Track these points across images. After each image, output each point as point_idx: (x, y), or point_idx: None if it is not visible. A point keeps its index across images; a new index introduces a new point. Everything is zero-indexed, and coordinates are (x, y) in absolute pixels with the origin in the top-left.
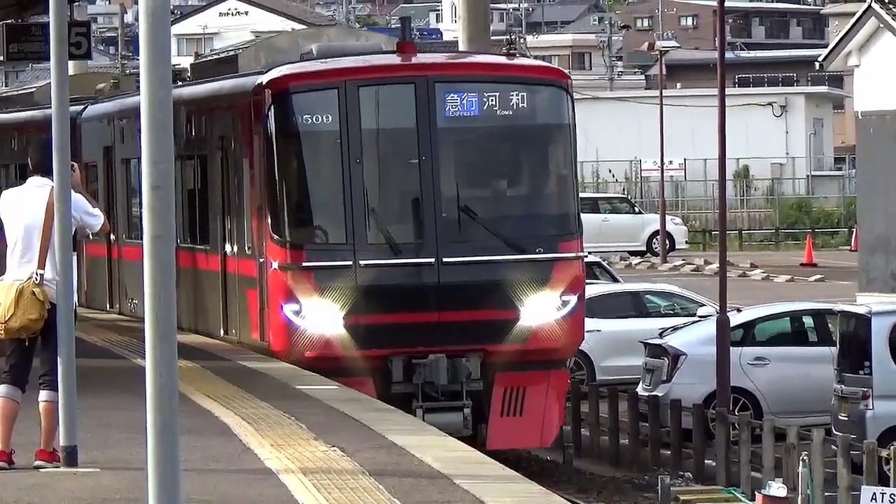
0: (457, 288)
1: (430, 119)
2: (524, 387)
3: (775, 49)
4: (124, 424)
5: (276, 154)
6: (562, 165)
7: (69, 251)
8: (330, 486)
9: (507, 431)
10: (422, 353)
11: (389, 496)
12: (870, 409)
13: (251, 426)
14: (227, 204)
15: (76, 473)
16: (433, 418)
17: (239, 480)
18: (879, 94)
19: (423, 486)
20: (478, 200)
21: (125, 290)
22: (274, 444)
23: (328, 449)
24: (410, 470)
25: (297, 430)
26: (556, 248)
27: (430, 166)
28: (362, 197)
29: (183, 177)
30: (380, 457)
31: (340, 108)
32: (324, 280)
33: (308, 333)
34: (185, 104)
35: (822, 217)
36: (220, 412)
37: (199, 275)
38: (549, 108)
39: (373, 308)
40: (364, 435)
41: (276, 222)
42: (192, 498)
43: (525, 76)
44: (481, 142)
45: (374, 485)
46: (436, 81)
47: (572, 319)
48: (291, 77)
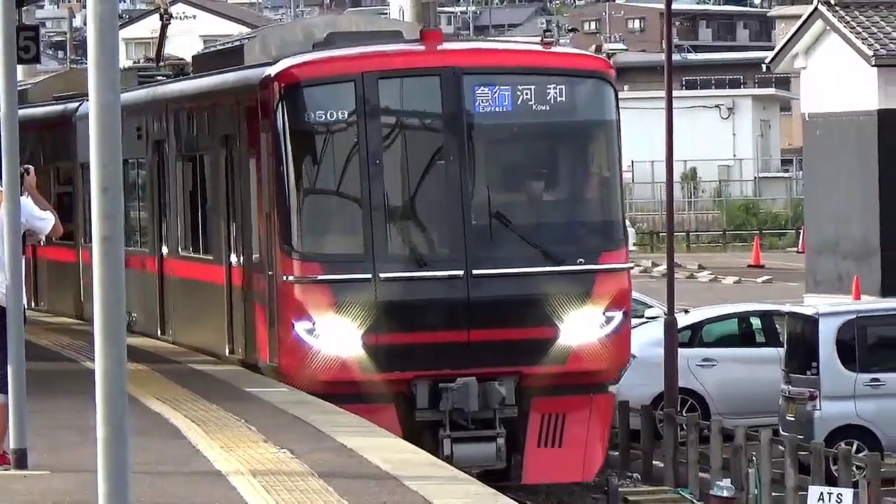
0: (488, 304)
1: (457, 115)
2: (564, 413)
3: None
4: (74, 427)
5: (285, 154)
6: (605, 167)
7: (19, 254)
8: (280, 488)
9: (544, 464)
10: (449, 376)
11: (339, 497)
12: (817, 409)
13: (201, 428)
14: (232, 210)
15: (26, 476)
16: (462, 449)
17: (189, 482)
18: (826, 97)
19: (373, 487)
20: (512, 206)
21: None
22: (223, 446)
23: (278, 451)
24: (360, 471)
25: (246, 432)
26: (598, 258)
27: (458, 168)
28: (382, 202)
29: (183, 179)
30: (329, 458)
31: (357, 103)
32: (340, 295)
33: (322, 354)
34: (185, 100)
35: (770, 219)
36: (170, 414)
37: (200, 287)
38: (591, 103)
39: (395, 326)
40: (313, 437)
41: (287, 231)
42: (142, 500)
43: (564, 67)
44: (515, 140)
45: (324, 486)
46: (464, 73)
47: (617, 338)
48: (302, 68)
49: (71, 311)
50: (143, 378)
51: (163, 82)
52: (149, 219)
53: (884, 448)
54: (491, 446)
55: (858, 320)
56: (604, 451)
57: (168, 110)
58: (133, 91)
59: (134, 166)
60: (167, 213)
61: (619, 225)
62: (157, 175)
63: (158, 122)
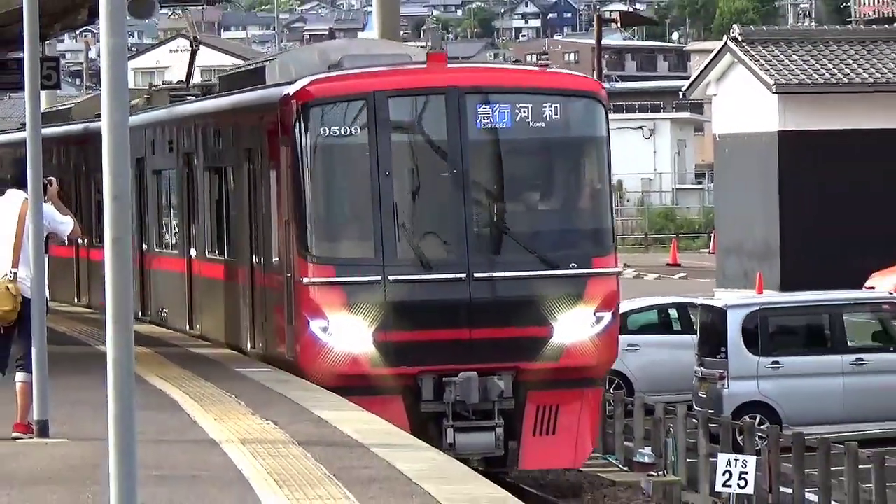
0: (488, 304)
1: (461, 131)
2: (557, 405)
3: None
4: (89, 402)
5: (302, 166)
6: (596, 179)
7: (42, 253)
8: (265, 454)
9: (539, 451)
10: (452, 370)
11: (316, 463)
12: (725, 388)
13: (197, 403)
14: (254, 217)
15: (47, 444)
16: (464, 438)
17: (187, 449)
18: (733, 119)
19: (344, 453)
20: (510, 215)
21: (156, 299)
22: (217, 418)
23: (263, 422)
24: (333, 440)
25: (236, 406)
26: (590, 263)
27: (460, 179)
28: (391, 211)
29: (210, 189)
30: (307, 429)
31: (369, 119)
32: (352, 296)
33: (336, 350)
34: (212, 116)
35: (685, 224)
36: (171, 391)
37: (225, 286)
38: (583, 120)
39: (402, 325)
40: (294, 410)
41: (304, 236)
42: (147, 465)
43: (559, 87)
44: (514, 154)
45: (303, 453)
46: (467, 92)
47: (607, 336)
48: (318, 87)
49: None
50: (147, 360)
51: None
52: (179, 224)
53: (782, 421)
54: (490, 435)
55: (761, 311)
56: (594, 440)
57: (196, 126)
58: (163, 108)
59: (166, 176)
60: (195, 219)
61: (609, 232)
62: (186, 184)
63: (188, 136)
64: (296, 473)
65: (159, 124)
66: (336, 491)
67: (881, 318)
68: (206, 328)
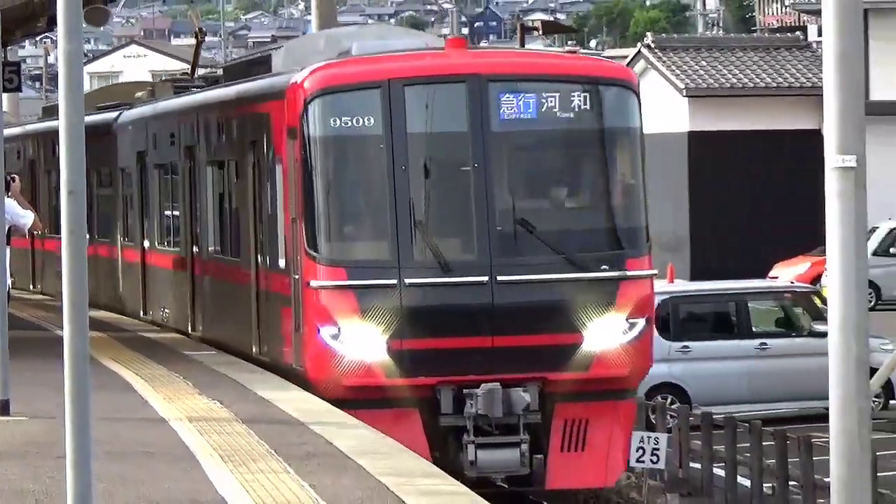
0: (513, 310)
1: (483, 122)
2: (587, 419)
3: None
4: (47, 383)
5: (311, 160)
6: (629, 174)
7: (3, 245)
8: (211, 431)
9: (567, 469)
10: (473, 381)
11: (258, 439)
12: None
13: (148, 384)
14: (259, 214)
15: (8, 421)
16: (486, 455)
17: (139, 427)
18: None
19: (285, 431)
20: (536, 213)
21: (157, 297)
22: (166, 398)
23: (210, 402)
24: (275, 418)
25: (185, 386)
26: (623, 265)
27: (483, 175)
28: (408, 208)
29: (212, 184)
30: (250, 408)
31: (384, 110)
32: (365, 300)
33: (347, 360)
34: (213, 108)
35: None
36: (124, 373)
37: (228, 288)
38: (615, 111)
39: (419, 332)
40: (238, 391)
41: (312, 236)
42: (101, 441)
43: (588, 75)
44: (540, 147)
45: (247, 430)
46: (489, 80)
47: (640, 344)
48: (328, 75)
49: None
50: (101, 344)
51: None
52: (180, 221)
53: (691, 401)
54: (515, 452)
55: (672, 299)
56: (625, 457)
57: (198, 118)
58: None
59: (168, 171)
60: (197, 216)
61: (644, 231)
62: (188, 179)
63: (190, 129)
64: (239, 449)
65: (160, 117)
66: (277, 465)
67: (783, 306)
68: (207, 330)
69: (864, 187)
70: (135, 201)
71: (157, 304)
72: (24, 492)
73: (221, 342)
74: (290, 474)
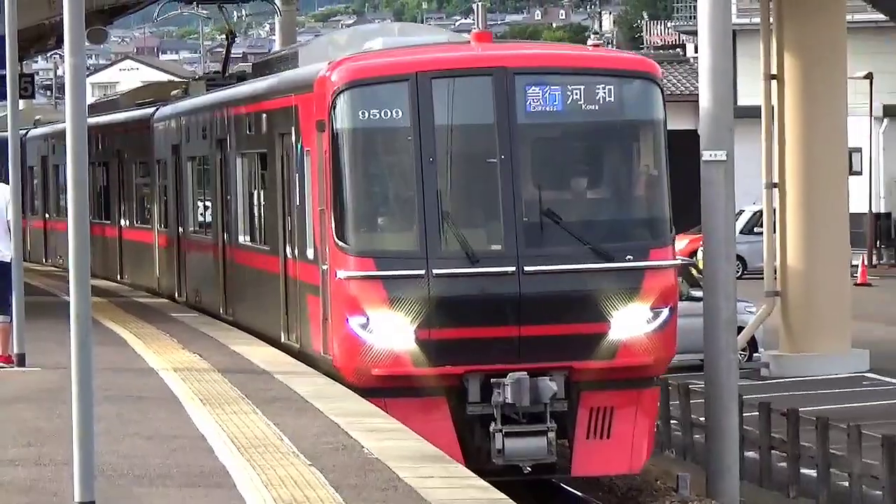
0: (539, 299)
1: (509, 114)
2: (612, 407)
3: None
4: (56, 339)
5: (339, 152)
6: (652, 165)
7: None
8: (192, 379)
9: (593, 456)
10: (501, 370)
11: (231, 386)
12: None
13: (140, 340)
14: (287, 205)
15: (25, 371)
16: (514, 443)
17: (132, 376)
18: None
19: (253, 379)
20: (562, 204)
21: (191, 281)
22: (155, 352)
23: (191, 355)
24: (245, 368)
25: (171, 342)
26: (647, 255)
27: (509, 166)
28: (435, 200)
29: (242, 175)
30: (225, 360)
31: (411, 102)
32: (394, 291)
33: (376, 349)
34: (242, 102)
35: None
36: (120, 331)
37: (258, 275)
38: (639, 103)
39: (447, 321)
40: (215, 345)
41: (341, 227)
42: (101, 387)
43: (612, 67)
44: (566, 139)
45: (222, 378)
46: (516, 73)
47: (664, 333)
48: (356, 68)
49: (149, 285)
50: (102, 307)
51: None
52: (212, 210)
53: None
54: (542, 440)
55: None
56: (650, 444)
57: (229, 112)
58: (198, 97)
59: (200, 163)
60: (228, 205)
61: (667, 222)
62: (220, 171)
63: (221, 122)
64: (216, 394)
65: (193, 112)
66: (247, 407)
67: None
68: (238, 314)
69: (732, 177)
70: (170, 191)
71: (191, 287)
72: (39, 429)
73: (251, 327)
74: (258, 415)
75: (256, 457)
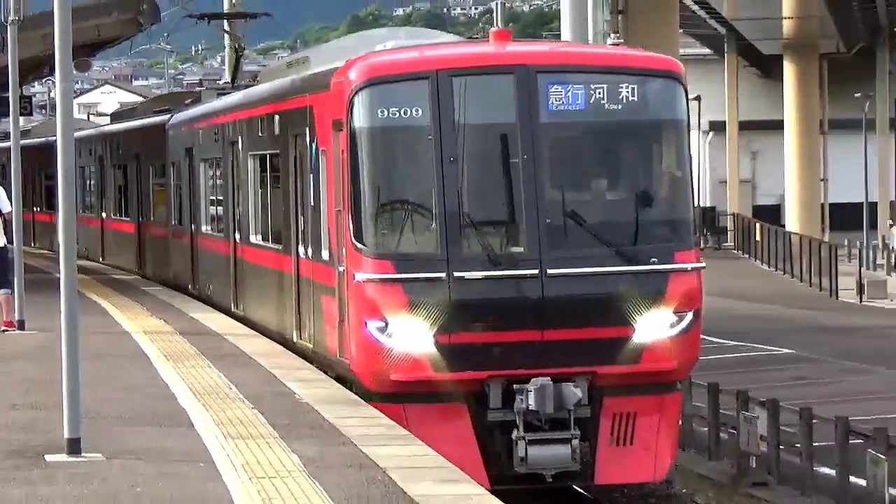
0: (563, 303)
1: (531, 113)
2: (635, 412)
3: None
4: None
5: (357, 152)
6: (676, 166)
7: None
8: (159, 339)
9: (616, 463)
10: (523, 375)
11: (191, 345)
12: None
13: (118, 309)
14: (300, 205)
15: (24, 334)
16: (537, 451)
17: (111, 338)
18: None
19: (207, 339)
20: (585, 205)
21: (203, 275)
22: (129, 319)
23: (158, 321)
24: (201, 331)
25: (141, 310)
26: (671, 258)
27: (532, 166)
28: (456, 201)
29: (254, 176)
30: (186, 325)
31: (432, 100)
32: (413, 294)
33: (394, 354)
34: (254, 104)
35: None
36: (101, 302)
37: (269, 274)
38: (662, 102)
39: (468, 326)
40: (178, 313)
41: (359, 228)
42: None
43: (636, 66)
44: (588, 139)
45: (183, 339)
46: (538, 71)
47: (688, 337)
48: (375, 65)
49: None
50: (86, 282)
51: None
52: (224, 209)
53: None
54: (566, 448)
55: None
56: (674, 450)
57: (240, 114)
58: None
59: (213, 164)
60: (239, 205)
61: (691, 224)
62: (231, 171)
63: (233, 125)
64: (178, 352)
65: (205, 116)
66: (203, 362)
67: None
68: (249, 310)
69: None
70: (183, 191)
71: (203, 280)
72: (36, 380)
73: (261, 323)
74: (211, 368)
75: (210, 401)
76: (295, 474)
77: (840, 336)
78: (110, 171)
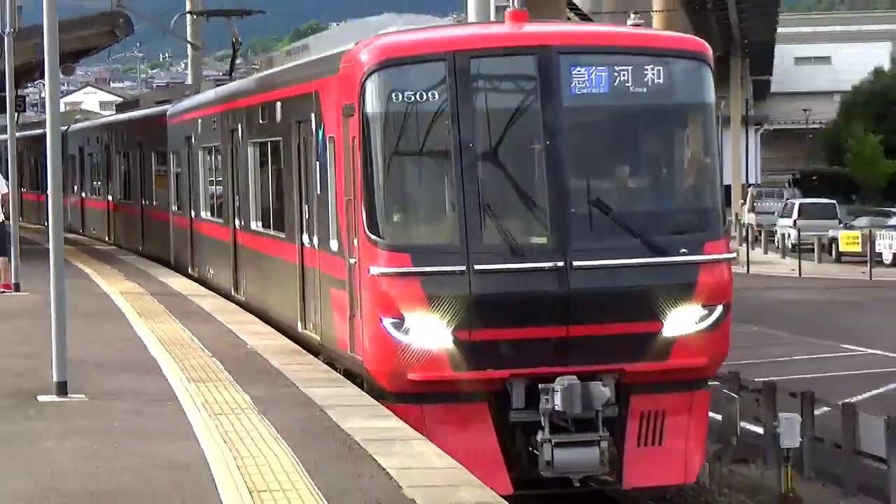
0: (589, 297)
1: (554, 96)
2: (664, 411)
3: None
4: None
5: (370, 138)
6: (704, 152)
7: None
8: (133, 300)
9: (645, 465)
10: (547, 374)
11: (160, 305)
12: None
13: (98, 275)
14: (304, 193)
15: (19, 295)
16: (564, 455)
17: (92, 298)
18: None
19: (174, 300)
20: (611, 193)
21: (202, 258)
22: (107, 282)
23: (133, 284)
24: (169, 292)
25: (119, 275)
26: (701, 249)
27: (555, 153)
28: (476, 189)
29: (253, 164)
30: (156, 287)
31: (449, 83)
32: (431, 288)
33: (411, 351)
34: (254, 91)
35: None
36: (85, 268)
37: (272, 262)
38: (689, 85)
39: (489, 322)
40: (149, 278)
41: (372, 219)
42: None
43: (661, 47)
44: (614, 124)
45: (153, 299)
46: (560, 52)
47: (719, 331)
48: (388, 46)
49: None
50: (72, 252)
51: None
52: (224, 195)
53: None
54: (594, 451)
55: None
56: (703, 450)
57: (240, 102)
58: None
59: (212, 152)
60: (239, 192)
61: (720, 213)
62: (231, 159)
63: (232, 113)
64: (150, 310)
65: (205, 105)
66: (170, 319)
67: None
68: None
69: None
70: (182, 178)
71: (202, 264)
72: (30, 333)
73: (262, 308)
74: (177, 323)
75: (176, 351)
76: (247, 411)
77: None
78: (116, 158)
